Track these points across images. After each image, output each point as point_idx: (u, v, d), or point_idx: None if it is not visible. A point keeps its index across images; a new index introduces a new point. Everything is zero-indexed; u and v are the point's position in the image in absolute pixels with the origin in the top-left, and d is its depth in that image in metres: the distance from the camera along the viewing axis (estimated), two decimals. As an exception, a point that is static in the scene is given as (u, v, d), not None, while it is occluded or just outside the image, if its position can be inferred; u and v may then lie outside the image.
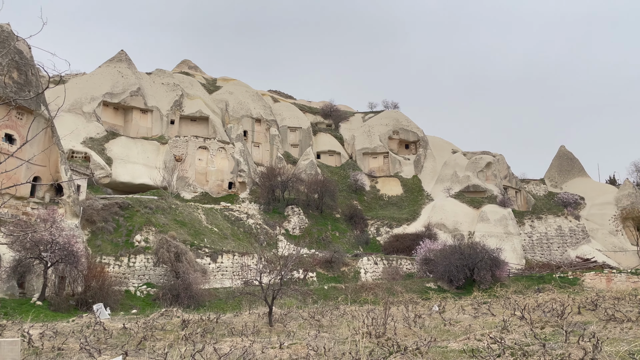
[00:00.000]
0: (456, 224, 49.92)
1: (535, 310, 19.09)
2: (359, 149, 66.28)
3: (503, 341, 10.91)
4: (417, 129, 68.48)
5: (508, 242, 46.13)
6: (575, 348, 9.77)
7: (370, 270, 39.01)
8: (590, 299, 20.84)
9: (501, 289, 32.65)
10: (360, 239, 50.10)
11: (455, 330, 16.65)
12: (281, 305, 24.49)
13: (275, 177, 50.91)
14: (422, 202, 57.77)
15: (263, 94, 70.81)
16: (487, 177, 58.37)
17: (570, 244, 49.90)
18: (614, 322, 15.15)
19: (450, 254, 35.95)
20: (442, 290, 34.30)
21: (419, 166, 64.49)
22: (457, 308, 23.24)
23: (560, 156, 71.56)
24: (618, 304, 19.29)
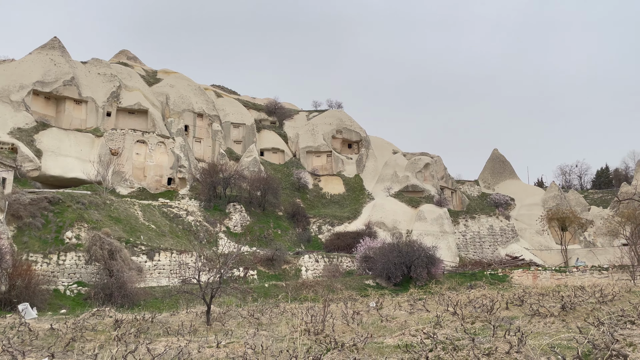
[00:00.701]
0: (395, 223, 51.18)
1: (467, 306, 19.89)
2: (302, 147, 66.46)
3: (436, 336, 11.32)
4: (359, 129, 69.55)
5: (443, 241, 47.82)
6: (502, 342, 10.29)
7: (311, 268, 39.24)
8: (517, 295, 21.99)
9: (436, 286, 33.80)
10: (302, 237, 50.28)
11: (391, 326, 17.08)
12: (220, 304, 24.14)
13: (217, 174, 50.07)
14: (363, 200, 58.77)
15: (206, 89, 69.40)
16: (425, 177, 60.24)
17: (501, 243, 52.47)
18: (539, 317, 16.05)
19: (389, 251, 36.81)
20: (380, 287, 35.06)
21: (361, 166, 65.53)
22: (394, 304, 23.84)
23: (493, 159, 75.07)
24: (542, 299, 20.44)
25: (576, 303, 16.74)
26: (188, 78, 66.98)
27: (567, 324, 14.33)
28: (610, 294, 19.31)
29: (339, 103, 76.17)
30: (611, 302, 18.08)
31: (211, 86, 76.77)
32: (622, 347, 9.05)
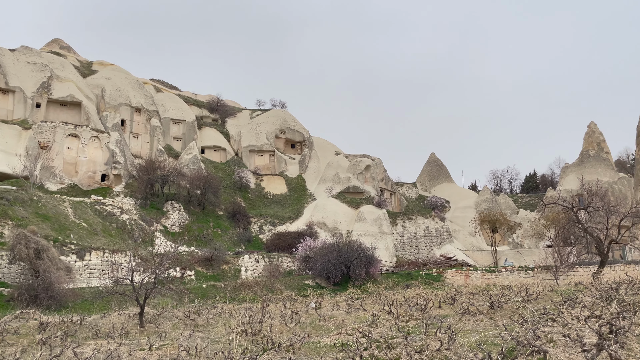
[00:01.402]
0: (336, 223, 51.75)
1: (402, 305, 20.39)
2: (245, 145, 65.77)
3: (371, 335, 11.55)
4: (303, 130, 69.74)
5: (382, 241, 48.87)
6: (433, 339, 10.64)
7: (251, 268, 38.89)
8: (450, 294, 22.76)
9: (374, 285, 34.43)
10: (242, 237, 49.73)
11: (329, 325, 17.23)
12: (155, 305, 23.41)
13: (154, 171, 48.53)
14: (305, 201, 58.98)
15: (145, 82, 67.14)
16: (366, 179, 61.33)
17: (436, 243, 54.34)
18: (469, 315, 16.70)
19: (329, 251, 37.14)
20: (320, 287, 35.29)
21: (303, 166, 65.73)
22: (333, 304, 24.05)
23: (431, 162, 77.65)
24: (473, 298, 21.27)
25: (503, 302, 17.56)
26: (126, 71, 64.50)
27: (494, 321, 15.01)
28: (535, 293, 20.39)
29: (283, 103, 76.13)
30: (535, 300, 19.11)
31: (150, 80, 74.37)
32: (543, 344, 9.60)
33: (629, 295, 16.25)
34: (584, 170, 62.81)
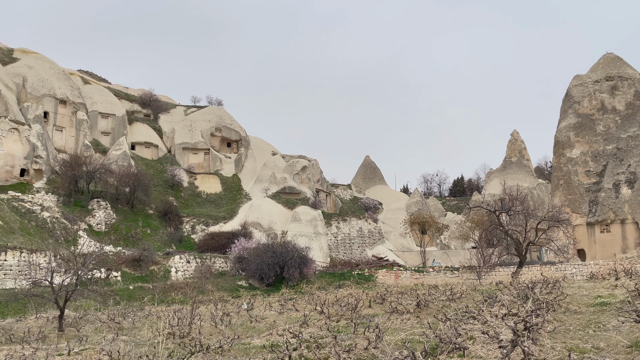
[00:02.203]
0: (271, 223, 51.55)
1: (334, 305, 20.64)
2: (178, 143, 64.00)
3: (301, 335, 11.61)
4: (240, 128, 68.91)
5: (316, 242, 49.26)
6: (361, 338, 10.87)
7: (181, 269, 37.89)
8: (380, 293, 23.31)
9: (307, 286, 34.61)
10: (173, 237, 48.34)
11: (260, 326, 17.14)
12: (76, 308, 22.24)
13: (80, 167, 46.10)
14: (240, 201, 58.29)
15: (71, 73, 63.64)
16: (302, 180, 61.58)
17: (369, 244, 55.54)
18: (397, 314, 17.19)
19: (263, 252, 36.93)
20: (253, 288, 34.99)
21: (239, 165, 64.94)
22: (265, 305, 23.94)
23: (365, 165, 79.28)
24: (401, 297, 21.89)
25: (430, 301, 18.21)
26: (50, 60, 60.83)
27: (421, 320, 15.56)
28: (459, 292, 21.31)
29: (220, 100, 74.80)
30: (459, 299, 19.98)
31: (78, 71, 70.62)
32: (464, 341, 10.08)
33: (543, 294, 17.39)
34: (506, 175, 66.52)
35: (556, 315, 13.94)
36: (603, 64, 46.61)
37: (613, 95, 43.85)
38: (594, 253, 39.76)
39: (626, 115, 42.84)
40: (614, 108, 43.44)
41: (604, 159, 42.22)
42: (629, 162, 40.84)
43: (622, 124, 42.68)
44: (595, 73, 45.89)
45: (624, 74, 44.54)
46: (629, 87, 43.74)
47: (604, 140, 42.69)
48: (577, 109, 44.74)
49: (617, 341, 9.85)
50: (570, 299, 17.24)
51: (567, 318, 13.58)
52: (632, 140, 41.48)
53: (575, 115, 44.61)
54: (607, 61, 46.64)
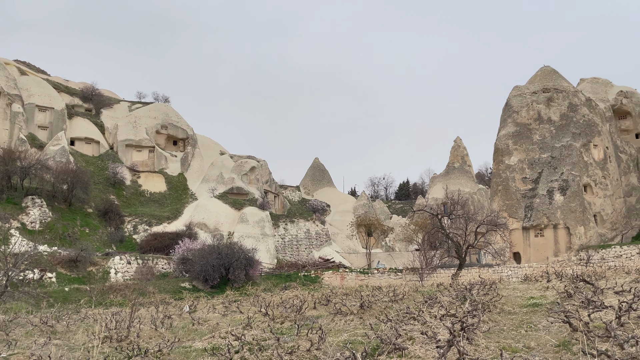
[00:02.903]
0: (217, 224, 50.76)
1: (279, 306, 20.60)
2: (122, 139, 61.82)
3: (244, 337, 11.50)
4: (187, 127, 67.45)
5: (263, 243, 48.96)
6: (304, 340, 10.90)
7: (122, 270, 36.61)
8: (325, 295, 23.47)
9: (253, 288, 34.34)
10: (114, 237, 46.62)
11: (203, 329, 16.83)
12: (6, 311, 20.98)
13: (13, 162, 43.60)
14: (186, 200, 57.03)
15: (7, 63, 60.16)
16: (250, 180, 61.05)
17: (315, 246, 55.80)
18: (341, 315, 17.36)
19: (209, 253, 36.30)
20: (196, 290, 34.31)
21: (186, 164, 63.55)
22: (209, 307, 23.56)
23: (314, 167, 79.66)
24: (346, 299, 22.14)
25: (373, 302, 18.52)
26: (-17, 47, 57.25)
27: (364, 321, 15.78)
28: (401, 293, 21.80)
29: (166, 97, 72.88)
30: (401, 300, 20.44)
31: (14, 61, 66.83)
32: (404, 341, 10.32)
33: (480, 296, 18.09)
34: (449, 180, 68.72)
35: (492, 315, 14.53)
36: (540, 76, 49.13)
37: (549, 106, 46.29)
38: (529, 256, 41.77)
39: (560, 125, 45.33)
40: (550, 118, 45.87)
41: (539, 167, 44.47)
42: (562, 170, 43.22)
43: (557, 133, 45.12)
44: (533, 85, 48.28)
45: (559, 87, 47.13)
46: (564, 99, 46.33)
47: (539, 148, 44.98)
48: (515, 119, 46.90)
49: (547, 340, 10.39)
50: (505, 300, 18.02)
51: (501, 318, 14.18)
52: (565, 149, 43.93)
53: (514, 124, 46.75)
54: (544, 74, 49.19)
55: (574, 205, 41.75)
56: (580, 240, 40.94)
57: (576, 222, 41.37)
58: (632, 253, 36.01)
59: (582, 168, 43.42)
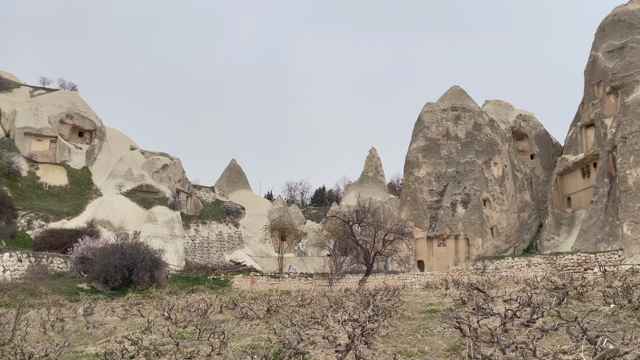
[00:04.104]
0: (123, 223, 48.31)
1: (183, 310, 20.03)
2: (20, 127, 56.97)
3: (141, 342, 11.01)
4: (95, 118, 63.62)
5: (172, 244, 47.30)
6: (205, 345, 10.67)
7: (11, 268, 33.66)
8: (233, 299, 23.17)
9: (157, 290, 33.07)
10: (4, 232, 42.70)
11: (98, 333, 15.93)
12: None
13: None
14: (89, 196, 53.68)
15: None
16: (162, 178, 58.81)
17: (227, 249, 54.87)
18: (247, 319, 17.22)
19: (111, 253, 34.41)
20: (95, 292, 32.38)
21: (91, 157, 59.88)
22: (108, 310, 22.34)
23: (231, 168, 78.48)
24: (254, 303, 22.01)
25: (280, 306, 18.56)
26: None
27: (270, 325, 15.77)
28: (309, 298, 22.07)
29: (74, 85, 68.11)
30: (309, 305, 20.68)
31: None
32: (306, 346, 10.44)
33: (383, 301, 18.77)
34: (363, 189, 70.76)
35: (392, 320, 15.13)
36: (450, 95, 52.20)
37: (456, 124, 49.29)
38: (432, 264, 44.02)
39: (466, 142, 48.41)
40: (457, 135, 48.84)
41: (445, 180, 47.14)
42: (464, 185, 46.11)
43: (462, 150, 48.12)
44: (443, 102, 51.18)
45: (466, 106, 50.36)
46: (470, 118, 49.56)
47: (446, 163, 47.70)
48: (426, 133, 49.41)
49: (439, 345, 11.00)
50: (407, 306, 18.85)
51: (401, 323, 14.81)
52: (468, 165, 46.95)
53: (425, 138, 49.22)
54: (453, 93, 52.33)
55: (474, 217, 44.66)
56: (478, 250, 43.86)
57: (475, 233, 44.28)
58: (522, 264, 39.17)
59: (482, 184, 46.61)
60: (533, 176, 53.23)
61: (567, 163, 47.87)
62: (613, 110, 43.52)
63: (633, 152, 38.29)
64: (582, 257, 36.55)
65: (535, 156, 54.65)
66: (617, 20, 46.98)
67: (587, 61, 48.92)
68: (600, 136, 43.98)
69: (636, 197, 36.77)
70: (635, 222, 36.15)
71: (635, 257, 34.60)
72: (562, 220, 47.55)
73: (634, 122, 39.43)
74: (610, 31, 47.10)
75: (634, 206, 36.62)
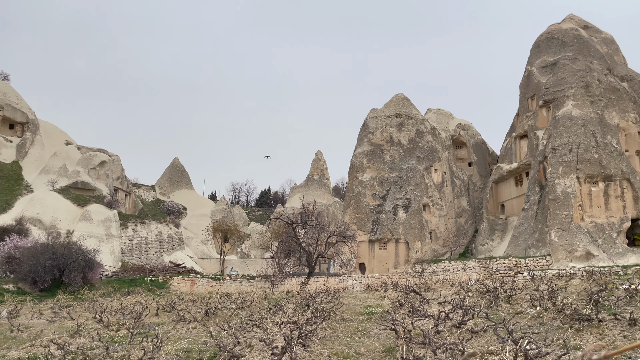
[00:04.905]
0: (55, 221, 45.93)
1: (117, 313, 19.32)
2: (-59, 116, 53.02)
3: (68, 346, 10.51)
4: (28, 110, 60.19)
5: (108, 244, 45.47)
6: (137, 349, 10.33)
7: None
8: (170, 301, 22.58)
9: (90, 292, 31.68)
10: None
11: (23, 336, 15.06)
12: None
13: None
14: (19, 192, 50.64)
15: None
16: (99, 175, 56.46)
17: (167, 250, 53.37)
18: (184, 322, 16.83)
19: (41, 252, 32.60)
20: (22, 293, 30.56)
21: (22, 151, 56.57)
22: (35, 312, 21.16)
23: (173, 167, 76.48)
24: (192, 305, 21.55)
25: (219, 309, 18.28)
26: None
27: (207, 328, 15.49)
28: (250, 300, 21.87)
29: (6, 75, 64.29)
30: (249, 307, 20.49)
31: None
32: (242, 349, 10.34)
33: (323, 304, 18.89)
34: (308, 191, 71.01)
35: (331, 323, 15.26)
36: (395, 102, 53.45)
37: (400, 130, 50.52)
38: (373, 267, 44.79)
39: (408, 149, 49.70)
40: (400, 142, 50.05)
41: (387, 185, 48.17)
42: (406, 190, 47.31)
43: (405, 156, 49.36)
44: (388, 109, 52.33)
45: (410, 114, 51.74)
46: (413, 125, 50.94)
47: (389, 168, 48.76)
48: (371, 139, 50.31)
49: (375, 347, 11.21)
50: (346, 308, 19.07)
51: (339, 325, 14.97)
52: (410, 171, 48.21)
53: (369, 143, 50.10)
54: (398, 100, 53.63)
55: (414, 222, 45.88)
56: (417, 254, 45.08)
57: (415, 237, 45.50)
58: (458, 268, 40.63)
59: (423, 189, 47.99)
60: (470, 183, 55.38)
61: (501, 171, 50.15)
62: (545, 122, 46.06)
63: (562, 163, 40.67)
64: (514, 261, 38.38)
65: (473, 164, 56.89)
66: (551, 38, 49.84)
67: (523, 75, 51.56)
68: (532, 147, 46.41)
69: (563, 205, 39.07)
70: (562, 229, 38.40)
71: (562, 262, 36.75)
72: (496, 226, 49.74)
73: (563, 135, 41.92)
74: (545, 48, 49.90)
75: (562, 214, 38.89)
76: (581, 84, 44.31)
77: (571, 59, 46.40)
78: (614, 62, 50.14)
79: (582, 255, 36.70)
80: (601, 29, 53.34)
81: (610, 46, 51.92)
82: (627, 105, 44.77)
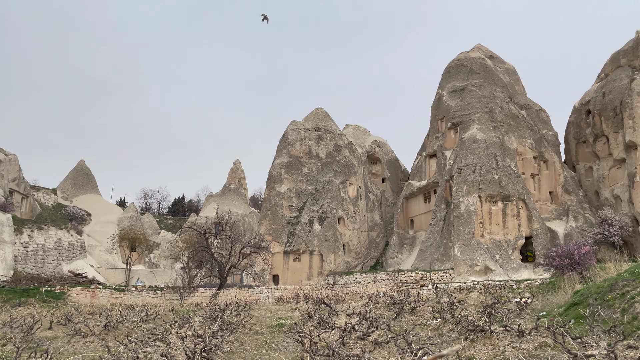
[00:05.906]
0: (-64, 224, 41.24)
1: (4, 326, 17.74)
2: None
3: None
4: None
5: (-1, 251, 41.59)
6: (23, 366, 9.51)
7: None
8: (67, 313, 21.10)
9: (-26, 304, 28.82)
10: None
11: None
12: None
13: None
14: None
15: None
16: (-8, 175, 51.62)
17: (67, 258, 49.79)
18: (80, 336, 15.80)
19: None
20: None
21: None
22: None
23: (78, 170, 71.82)
24: (92, 318, 20.29)
25: (121, 322, 17.36)
26: None
27: (106, 342, 14.63)
28: (155, 313, 20.97)
29: None
30: (154, 320, 19.63)
31: None
32: (142, 363, 9.86)
33: (232, 316, 18.57)
34: (224, 201, 69.72)
35: (239, 335, 15.03)
36: (315, 115, 54.29)
37: (319, 144, 51.33)
38: (286, 279, 44.78)
39: (326, 162, 50.58)
40: (318, 155, 50.83)
41: (304, 197, 48.60)
42: (322, 202, 48.01)
43: (322, 169, 50.16)
44: (308, 122, 53.02)
45: (328, 128, 52.78)
46: (331, 139, 51.99)
47: (307, 180, 49.27)
48: (290, 150, 50.62)
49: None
50: (256, 321, 18.89)
51: (247, 338, 14.78)
52: (327, 184, 49.04)
53: (288, 155, 50.37)
54: (318, 114, 54.53)
55: (328, 234, 46.60)
56: (330, 266, 45.76)
57: (329, 249, 46.19)
58: (369, 280, 41.75)
59: (338, 202, 48.96)
60: (383, 198, 57.35)
61: (412, 188, 52.49)
62: (452, 144, 48.97)
63: (466, 182, 43.37)
64: (420, 274, 40.15)
65: (386, 180, 59.04)
66: (461, 65, 53.31)
67: (434, 98, 54.58)
68: (440, 166, 49.10)
69: (466, 222, 41.61)
70: (465, 245, 40.83)
71: (463, 275, 39.01)
72: (405, 240, 51.82)
73: (468, 156, 44.79)
74: (455, 73, 53.23)
75: (464, 230, 41.38)
76: (485, 110, 47.71)
77: (478, 85, 49.86)
78: (515, 91, 54.61)
79: (481, 270, 39.21)
80: (505, 60, 57.96)
81: (512, 76, 56.53)
82: (524, 131, 48.84)
